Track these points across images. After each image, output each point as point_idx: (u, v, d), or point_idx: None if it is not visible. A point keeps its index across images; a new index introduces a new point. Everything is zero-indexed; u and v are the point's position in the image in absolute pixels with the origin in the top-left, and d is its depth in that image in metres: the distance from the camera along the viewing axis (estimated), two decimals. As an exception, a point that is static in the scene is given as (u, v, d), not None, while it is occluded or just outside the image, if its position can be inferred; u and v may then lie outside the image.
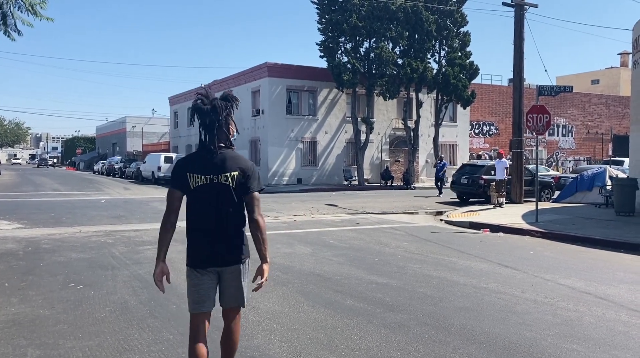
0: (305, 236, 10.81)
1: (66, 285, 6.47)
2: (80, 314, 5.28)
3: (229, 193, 3.24)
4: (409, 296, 6.04)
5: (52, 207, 16.32)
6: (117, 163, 44.53)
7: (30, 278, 6.81)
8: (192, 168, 3.24)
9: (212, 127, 3.27)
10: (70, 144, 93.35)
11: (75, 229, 11.42)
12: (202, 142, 3.31)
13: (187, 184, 3.22)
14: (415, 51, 28.29)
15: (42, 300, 5.79)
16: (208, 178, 3.22)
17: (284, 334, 4.73)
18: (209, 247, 3.28)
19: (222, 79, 35.51)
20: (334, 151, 30.96)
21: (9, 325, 4.90)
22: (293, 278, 6.90)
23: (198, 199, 3.23)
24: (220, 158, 3.25)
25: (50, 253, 8.58)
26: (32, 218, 13.39)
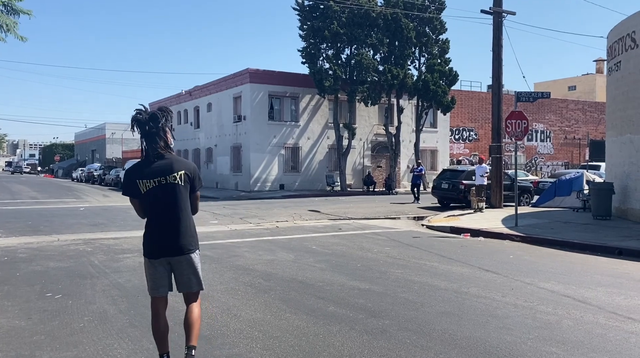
0: (287, 242, 10.78)
1: (43, 294, 6.34)
2: (58, 324, 5.18)
3: (177, 191, 3.78)
4: (391, 302, 6.06)
5: (29, 215, 16.02)
6: (97, 170, 43.93)
7: (6, 288, 6.67)
8: (140, 174, 3.74)
9: (152, 135, 3.77)
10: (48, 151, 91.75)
11: (53, 237, 11.22)
12: (146, 151, 3.80)
13: (137, 189, 3.73)
14: (396, 57, 28.53)
15: (18, 310, 5.67)
16: (157, 181, 3.73)
17: (266, 342, 4.71)
18: (161, 240, 3.76)
19: (203, 85, 35.34)
20: (317, 156, 31.00)
21: (-16, 337, 4.79)
22: (275, 285, 6.87)
23: (150, 200, 3.74)
24: (166, 161, 3.77)
25: (27, 262, 8.41)
26: (8, 226, 13.12)
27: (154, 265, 3.80)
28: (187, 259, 3.84)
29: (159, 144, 3.78)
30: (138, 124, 3.78)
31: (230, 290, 6.60)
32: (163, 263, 3.81)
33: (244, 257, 8.96)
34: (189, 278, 3.88)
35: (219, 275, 7.49)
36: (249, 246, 10.14)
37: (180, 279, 3.88)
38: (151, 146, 3.77)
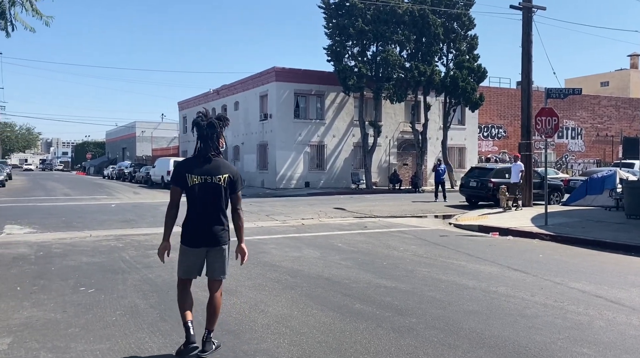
0: (313, 239, 10.83)
1: (77, 289, 6.53)
2: (92, 318, 5.33)
3: (219, 191, 4.24)
4: (417, 300, 6.04)
5: (63, 212, 16.47)
6: (127, 167, 44.81)
7: (42, 282, 6.88)
8: (190, 170, 4.22)
9: (207, 139, 4.25)
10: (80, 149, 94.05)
11: (86, 233, 11.52)
12: (200, 150, 4.27)
13: (185, 182, 4.19)
14: (423, 54, 28.28)
15: (53, 303, 5.85)
16: (202, 178, 4.20)
17: (293, 338, 4.75)
18: (201, 231, 4.24)
19: (230, 84, 35.68)
20: (342, 154, 30.98)
21: (22, 329, 4.96)
22: (302, 282, 6.92)
23: (194, 194, 4.20)
24: (213, 163, 4.25)
25: (61, 257, 8.67)
26: (44, 222, 13.52)
27: (191, 252, 4.28)
28: (221, 250, 4.34)
29: (211, 148, 4.26)
30: (197, 127, 4.25)
31: (257, 286, 6.68)
32: (200, 251, 4.29)
33: (270, 254, 9.04)
34: (219, 266, 4.36)
35: (246, 271, 7.58)
36: (275, 243, 10.23)
37: (211, 266, 4.36)
38: (204, 148, 4.26)
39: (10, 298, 6.04)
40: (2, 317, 5.35)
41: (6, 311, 5.55)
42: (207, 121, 4.26)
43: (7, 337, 4.72)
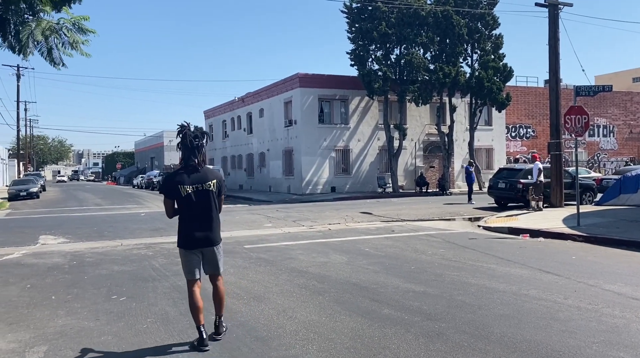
0: (340, 244, 10.81)
1: (109, 297, 6.66)
2: (123, 325, 5.43)
3: (211, 196, 4.69)
4: (447, 305, 5.97)
5: (95, 221, 16.85)
6: (156, 176, 45.59)
7: (75, 291, 7.05)
8: (181, 181, 4.60)
9: (195, 149, 4.67)
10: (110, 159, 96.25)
11: (117, 242, 11.75)
12: (187, 161, 4.67)
13: (178, 192, 4.59)
14: (447, 55, 28.03)
15: (87, 312, 5.98)
16: (194, 187, 4.61)
17: (322, 344, 4.75)
18: (197, 235, 4.65)
19: (254, 91, 36.00)
20: (367, 158, 30.87)
21: (57, 337, 5.09)
22: (329, 288, 6.91)
23: (188, 202, 4.61)
24: (202, 172, 4.68)
25: (93, 266, 8.86)
26: (76, 232, 13.85)
27: (190, 253, 4.69)
28: (215, 250, 4.79)
29: (197, 157, 4.66)
30: (185, 137, 4.64)
31: (285, 292, 6.70)
32: (196, 252, 4.70)
33: (297, 259, 9.06)
34: (215, 263, 4.82)
35: (274, 277, 7.61)
36: (302, 249, 10.25)
37: (209, 264, 4.81)
38: (191, 158, 4.66)
39: (45, 307, 6.20)
40: (38, 325, 5.49)
41: (42, 319, 5.70)
42: (195, 132, 4.70)
43: (43, 345, 4.85)
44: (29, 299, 6.62)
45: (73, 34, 6.84)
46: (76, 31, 6.88)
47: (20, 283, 7.60)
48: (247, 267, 8.46)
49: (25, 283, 7.59)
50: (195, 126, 4.85)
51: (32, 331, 5.29)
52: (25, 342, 4.95)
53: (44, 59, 7.07)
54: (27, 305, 6.34)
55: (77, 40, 6.88)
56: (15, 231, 14.46)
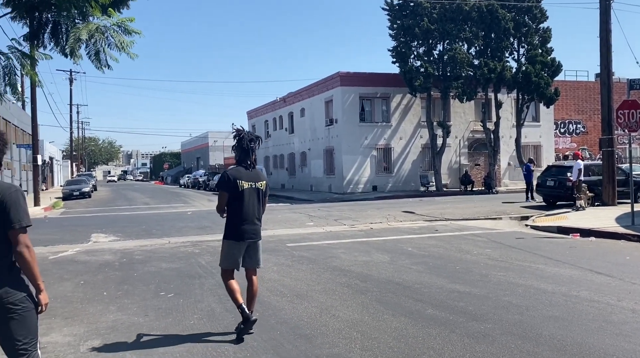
0: (382, 244, 10.75)
1: (157, 293, 6.87)
2: (171, 321, 5.59)
3: (260, 194, 5.10)
4: (493, 305, 5.84)
5: (143, 220, 17.39)
6: (201, 176, 46.57)
7: (125, 287, 7.30)
8: (239, 176, 4.99)
9: (252, 152, 5.08)
10: (158, 159, 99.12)
11: (165, 240, 12.09)
12: (243, 161, 5.07)
13: (237, 187, 4.94)
14: (492, 50, 27.38)
15: (136, 308, 6.19)
16: (250, 184, 5.02)
17: (365, 342, 4.74)
18: (248, 227, 4.98)
19: (296, 91, 36.24)
20: (410, 157, 30.55)
21: (109, 332, 5.29)
22: (372, 287, 6.89)
23: (243, 197, 4.96)
24: (255, 172, 5.11)
25: (142, 263, 9.15)
26: (126, 230, 14.33)
27: (237, 245, 4.98)
28: (259, 243, 5.14)
29: (251, 159, 5.07)
30: (240, 141, 5.05)
31: (327, 291, 6.72)
32: (243, 245, 5.00)
33: (339, 258, 9.07)
34: (258, 257, 5.15)
35: (316, 276, 7.65)
36: (344, 248, 10.25)
37: (252, 258, 5.10)
38: (247, 159, 5.06)
39: (98, 303, 6.46)
40: (91, 320, 5.73)
41: (94, 314, 5.94)
42: (250, 136, 5.09)
43: (96, 339, 5.05)
44: (83, 295, 6.91)
45: (119, 35, 7.09)
46: (122, 32, 7.14)
47: (74, 279, 7.93)
48: (289, 265, 8.54)
49: (78, 279, 7.92)
50: (249, 131, 5.21)
51: (85, 325, 5.52)
52: (79, 336, 5.17)
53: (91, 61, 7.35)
54: (80, 300, 6.62)
55: (123, 42, 7.13)
56: (69, 229, 15.10)
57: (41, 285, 3.06)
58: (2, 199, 2.92)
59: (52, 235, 13.57)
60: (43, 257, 9.77)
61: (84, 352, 4.71)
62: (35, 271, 3.00)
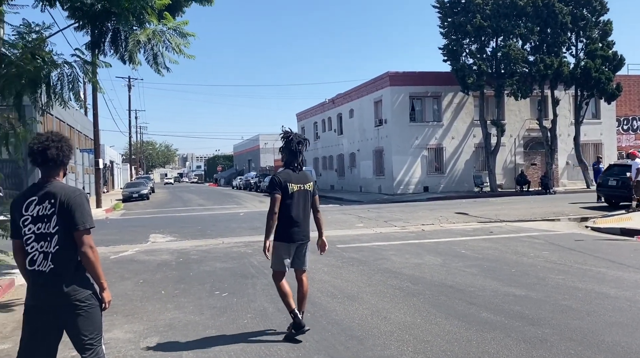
0: (434, 246, 10.59)
1: (212, 292, 7.06)
2: (226, 320, 5.73)
3: (309, 196, 5.16)
4: (551, 310, 5.64)
5: (198, 221, 17.89)
6: (252, 178, 47.41)
7: (182, 286, 7.54)
8: (288, 179, 5.03)
9: (298, 154, 5.15)
10: (211, 162, 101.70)
11: (219, 241, 12.40)
12: (291, 163, 5.12)
13: (287, 190, 4.98)
14: (548, 45, 26.41)
15: (192, 306, 6.38)
16: (300, 186, 5.07)
17: (417, 345, 4.69)
18: (298, 229, 5.04)
19: (345, 93, 36.25)
20: (462, 156, 29.90)
21: (167, 329, 5.48)
22: (424, 289, 6.81)
23: (293, 200, 5.01)
24: (303, 173, 5.17)
25: (198, 263, 9.42)
26: (182, 231, 14.79)
27: (287, 247, 5.03)
28: (308, 245, 5.18)
29: (298, 161, 5.13)
30: (290, 142, 5.10)
31: (378, 293, 6.69)
32: (293, 246, 5.05)
33: (390, 260, 9.01)
34: (305, 258, 5.18)
35: (367, 278, 7.64)
36: (395, 250, 10.17)
37: (299, 258, 5.15)
38: (294, 161, 5.12)
39: (156, 301, 6.71)
40: (150, 317, 5.96)
41: (153, 312, 6.17)
42: (298, 138, 5.13)
43: (155, 336, 5.25)
44: (142, 293, 7.19)
45: (175, 38, 7.35)
46: (177, 35, 7.39)
47: (134, 278, 8.27)
48: (340, 266, 8.56)
49: (138, 278, 8.25)
50: (296, 133, 5.24)
51: (145, 323, 5.74)
52: (139, 333, 5.39)
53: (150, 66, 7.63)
54: (140, 298, 6.89)
55: (178, 44, 7.38)
56: (129, 230, 15.74)
57: (104, 284, 3.21)
58: (68, 203, 3.08)
59: (113, 235, 14.18)
60: (105, 257, 10.23)
61: (144, 348, 4.91)
62: (98, 270, 3.15)
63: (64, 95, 8.30)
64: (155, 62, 7.50)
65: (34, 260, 3.08)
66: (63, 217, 3.07)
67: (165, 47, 7.34)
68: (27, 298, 3.15)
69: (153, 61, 7.47)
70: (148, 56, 7.56)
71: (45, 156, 3.14)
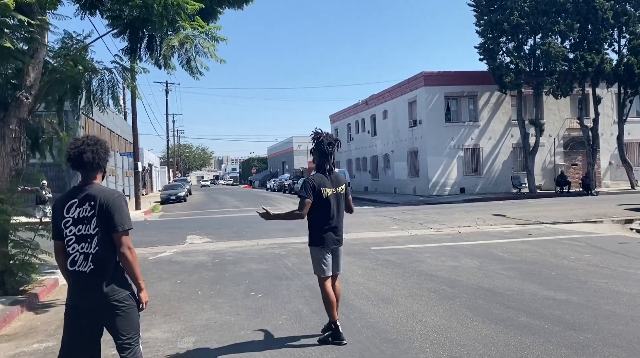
0: (471, 248, 10.40)
1: (247, 293, 7.13)
2: (260, 321, 5.77)
3: (342, 198, 5.04)
4: (593, 314, 5.46)
5: (234, 222, 18.11)
6: (286, 180, 47.69)
7: (218, 287, 7.65)
8: (322, 184, 4.89)
9: (330, 156, 4.96)
10: (246, 164, 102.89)
11: (254, 242, 12.52)
12: (322, 165, 4.97)
13: (321, 195, 4.85)
14: (589, 42, 25.62)
15: (228, 307, 6.46)
16: (333, 190, 4.93)
17: (453, 349, 4.61)
18: (333, 234, 4.93)
19: (378, 93, 36.07)
20: (500, 157, 29.30)
21: (203, 329, 5.57)
22: (460, 292, 6.69)
23: (327, 204, 4.89)
24: (335, 175, 5.03)
25: (233, 264, 9.54)
26: (218, 232, 15.01)
27: (326, 252, 4.92)
28: (342, 249, 5.10)
29: (329, 162, 4.96)
30: (321, 144, 4.95)
31: (413, 295, 6.62)
32: (328, 251, 4.94)
33: (426, 263, 8.90)
34: (339, 263, 5.05)
35: (402, 280, 7.56)
36: (430, 252, 10.04)
37: (334, 263, 5.00)
38: (326, 163, 4.96)
39: (193, 301, 6.82)
40: (187, 317, 6.06)
41: (190, 312, 6.27)
42: (329, 139, 4.94)
43: (192, 336, 5.33)
44: (179, 293, 7.32)
45: (206, 42, 7.49)
46: (209, 39, 7.52)
47: (171, 278, 8.44)
48: (374, 269, 8.51)
49: (175, 278, 8.41)
50: (327, 133, 5.04)
51: (182, 323, 5.84)
52: (177, 333, 5.49)
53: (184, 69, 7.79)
54: (177, 298, 7.02)
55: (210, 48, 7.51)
56: (166, 231, 16.07)
57: (142, 284, 3.27)
58: (107, 205, 3.16)
59: (152, 236, 14.51)
60: (144, 258, 10.48)
61: (181, 348, 4.99)
62: (136, 271, 3.21)
63: (104, 100, 8.57)
64: (189, 66, 7.66)
65: (74, 260, 3.16)
66: (102, 219, 3.14)
67: (197, 51, 7.49)
68: (67, 298, 3.23)
69: (187, 65, 7.64)
70: (182, 60, 7.73)
71: (81, 160, 3.22)
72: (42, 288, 7.52)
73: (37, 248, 7.37)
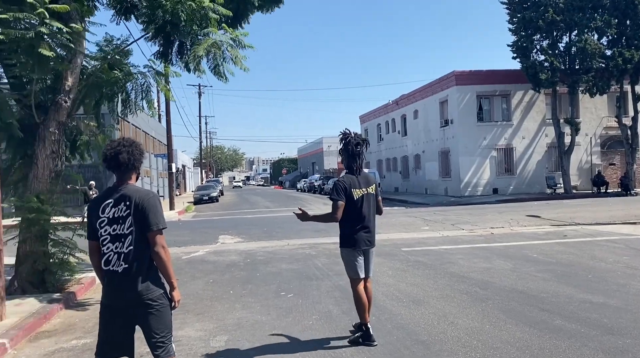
0: (504, 250, 10.22)
1: (278, 293, 7.18)
2: (291, 321, 5.81)
3: (373, 199, 4.99)
4: (632, 319, 5.29)
5: (265, 222, 18.27)
6: (316, 180, 47.76)
7: (249, 286, 7.73)
8: (353, 185, 4.85)
9: (358, 156, 4.93)
10: (277, 165, 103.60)
11: (284, 242, 12.60)
12: (351, 165, 4.94)
13: (352, 196, 4.81)
14: (628, 38, 24.82)
15: (259, 306, 6.52)
16: (363, 191, 4.89)
17: (486, 352, 4.55)
18: (364, 235, 4.88)
19: (409, 93, 35.79)
20: (534, 157, 28.68)
21: (235, 328, 5.64)
22: (493, 295, 6.59)
23: (358, 205, 4.85)
24: (364, 176, 4.96)
25: (264, 264, 9.63)
26: (249, 232, 15.16)
27: (356, 253, 4.88)
28: (373, 251, 5.05)
29: (359, 163, 4.93)
30: (348, 144, 4.91)
31: (445, 297, 6.55)
32: (360, 252, 4.89)
33: (457, 264, 8.79)
34: (370, 265, 5.00)
35: (433, 281, 7.49)
36: (462, 253, 9.91)
37: (368, 265, 4.97)
38: (355, 164, 4.93)
39: (225, 301, 6.91)
40: (219, 316, 6.15)
41: (222, 312, 6.36)
42: (357, 139, 4.90)
43: (224, 335, 5.41)
44: (212, 292, 7.43)
45: (233, 49, 7.59)
46: (237, 46, 7.62)
47: (204, 278, 8.57)
48: (405, 270, 8.45)
49: (208, 278, 8.54)
50: (355, 133, 4.99)
51: (214, 322, 5.93)
52: (209, 331, 5.57)
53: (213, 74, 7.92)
54: (210, 298, 7.13)
55: (237, 56, 7.61)
56: (199, 231, 16.33)
57: (175, 283, 3.33)
58: (142, 204, 3.23)
59: (185, 236, 14.77)
60: (177, 257, 10.67)
61: (214, 346, 5.07)
62: (170, 270, 3.28)
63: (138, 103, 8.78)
64: (217, 71, 7.78)
65: (109, 260, 3.23)
66: (137, 218, 3.21)
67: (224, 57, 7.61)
68: (102, 297, 3.32)
69: (215, 70, 7.76)
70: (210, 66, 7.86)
71: (117, 161, 3.29)
72: (80, 286, 7.76)
73: (75, 247, 7.60)
